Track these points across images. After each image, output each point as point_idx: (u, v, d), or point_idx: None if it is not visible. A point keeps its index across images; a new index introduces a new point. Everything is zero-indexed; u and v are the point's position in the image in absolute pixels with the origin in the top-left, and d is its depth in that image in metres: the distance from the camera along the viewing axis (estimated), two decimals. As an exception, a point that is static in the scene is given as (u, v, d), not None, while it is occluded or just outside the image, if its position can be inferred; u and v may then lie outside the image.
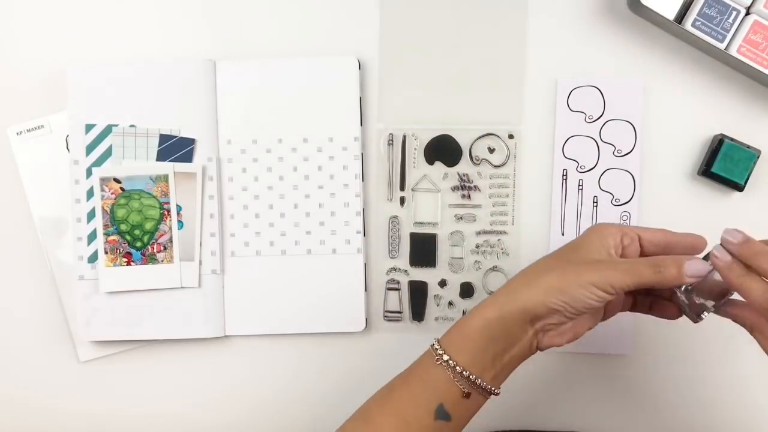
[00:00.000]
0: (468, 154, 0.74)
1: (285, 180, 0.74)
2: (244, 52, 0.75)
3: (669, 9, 0.69)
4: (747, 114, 0.73)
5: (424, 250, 0.74)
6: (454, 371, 0.55)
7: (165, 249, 0.73)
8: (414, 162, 0.74)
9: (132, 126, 0.73)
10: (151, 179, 0.73)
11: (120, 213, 0.73)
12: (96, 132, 0.74)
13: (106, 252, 0.73)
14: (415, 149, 0.74)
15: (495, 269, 0.74)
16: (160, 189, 0.73)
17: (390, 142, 0.74)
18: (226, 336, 0.74)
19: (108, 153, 0.73)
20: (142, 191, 0.73)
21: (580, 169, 0.74)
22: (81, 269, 0.73)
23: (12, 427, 0.76)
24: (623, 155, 0.73)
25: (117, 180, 0.73)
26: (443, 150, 0.74)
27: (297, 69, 0.74)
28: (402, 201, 0.74)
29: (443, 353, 0.56)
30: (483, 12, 0.74)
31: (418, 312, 0.74)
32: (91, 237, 0.73)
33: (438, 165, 0.74)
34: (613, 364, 0.74)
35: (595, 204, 0.74)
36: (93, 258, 0.73)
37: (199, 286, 0.73)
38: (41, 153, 0.75)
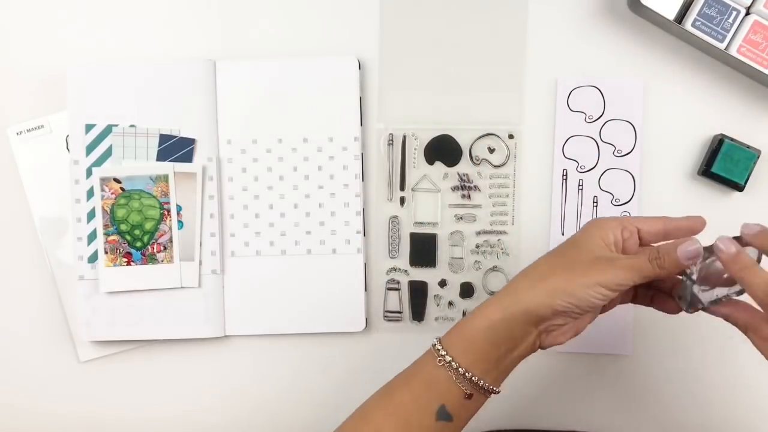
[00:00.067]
0: (468, 154, 0.74)
1: (285, 180, 0.74)
2: (244, 52, 0.75)
3: (669, 9, 0.69)
4: (747, 114, 0.73)
5: (424, 250, 0.74)
6: (456, 372, 0.55)
7: (165, 249, 0.73)
8: (414, 162, 0.74)
9: (132, 126, 0.73)
10: (151, 179, 0.73)
11: (120, 213, 0.73)
12: (96, 132, 0.74)
13: (106, 252, 0.73)
14: (415, 149, 0.74)
15: (495, 269, 0.74)
16: (160, 189, 0.73)
17: (390, 142, 0.74)
18: (226, 336, 0.74)
19: (108, 153, 0.73)
20: (142, 191, 0.73)
21: (580, 169, 0.74)
22: (81, 269, 0.73)
23: (12, 427, 0.76)
24: (623, 155, 0.73)
25: (117, 180, 0.73)
26: (443, 150, 0.74)
27: (297, 69, 0.74)
28: (402, 201, 0.74)
29: (445, 354, 0.55)
30: (483, 12, 0.74)
31: (418, 312, 0.74)
32: (91, 237, 0.73)
33: (438, 165, 0.74)
34: (613, 364, 0.74)
35: (595, 204, 0.74)
36: (93, 258, 0.73)
37: (199, 286, 0.73)
38: (41, 153, 0.75)
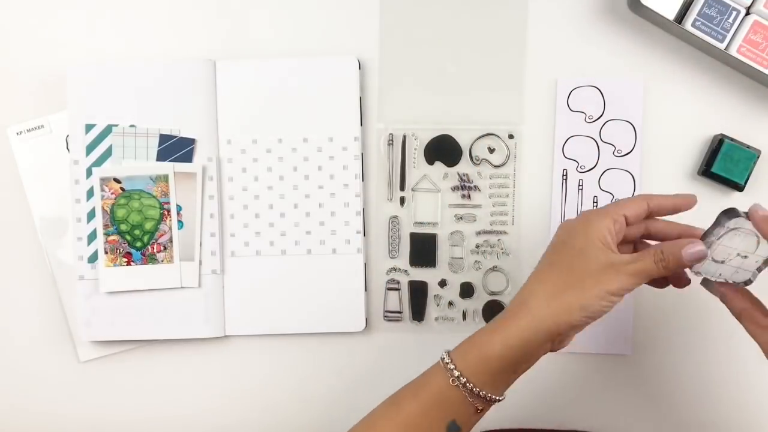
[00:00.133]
0: (468, 154, 0.74)
1: (285, 180, 0.74)
2: (244, 52, 0.75)
3: (669, 9, 0.69)
4: (747, 114, 0.73)
5: (424, 250, 0.74)
6: (470, 392, 0.55)
7: (165, 249, 0.73)
8: (414, 162, 0.74)
9: (132, 126, 0.73)
10: (151, 179, 0.73)
11: (120, 213, 0.73)
12: (96, 132, 0.74)
13: (106, 252, 0.73)
14: (415, 149, 0.74)
15: (495, 269, 0.74)
16: (160, 189, 0.73)
17: (390, 142, 0.74)
18: (226, 336, 0.74)
19: (108, 153, 0.73)
20: (142, 191, 0.73)
21: (580, 169, 0.74)
22: (81, 269, 0.73)
23: (12, 427, 0.76)
24: (623, 155, 0.73)
25: (117, 180, 0.73)
26: (443, 150, 0.74)
27: (297, 69, 0.74)
28: (402, 201, 0.74)
29: (460, 375, 0.55)
30: (483, 12, 0.74)
31: (418, 312, 0.74)
32: (91, 237, 0.73)
33: (438, 165, 0.74)
34: (613, 364, 0.74)
35: (595, 204, 0.74)
36: (93, 258, 0.73)
37: (199, 286, 0.73)
38: (41, 153, 0.75)
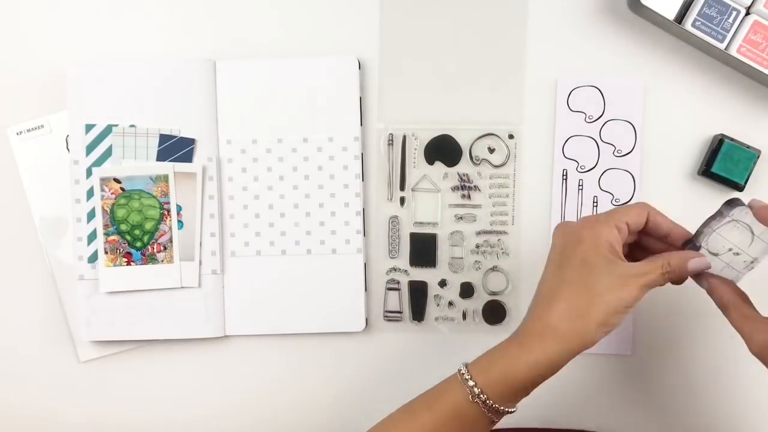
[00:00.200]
0: (468, 154, 0.74)
1: (285, 180, 0.74)
2: (244, 52, 0.75)
3: (669, 9, 0.69)
4: (747, 114, 0.73)
5: (424, 250, 0.74)
6: (489, 408, 0.56)
7: (165, 249, 0.73)
8: (414, 162, 0.74)
9: (132, 126, 0.73)
10: (151, 179, 0.73)
11: (120, 213, 0.73)
12: (96, 132, 0.74)
13: (106, 252, 0.73)
14: (415, 149, 0.74)
15: (495, 269, 0.74)
16: (160, 189, 0.73)
17: (390, 142, 0.74)
18: (226, 336, 0.74)
19: (108, 153, 0.73)
20: (142, 191, 0.73)
21: (580, 169, 0.74)
22: (81, 269, 0.73)
23: (12, 427, 0.76)
24: (623, 155, 0.73)
25: (117, 180, 0.73)
26: (443, 150, 0.74)
27: (297, 69, 0.74)
28: (402, 201, 0.74)
29: (480, 393, 0.55)
30: (483, 12, 0.74)
31: (418, 312, 0.74)
32: (91, 237, 0.73)
33: (438, 165, 0.74)
34: (613, 364, 0.74)
35: (595, 204, 0.74)
36: (93, 258, 0.73)
37: (199, 286, 0.73)
38: (41, 153, 0.75)
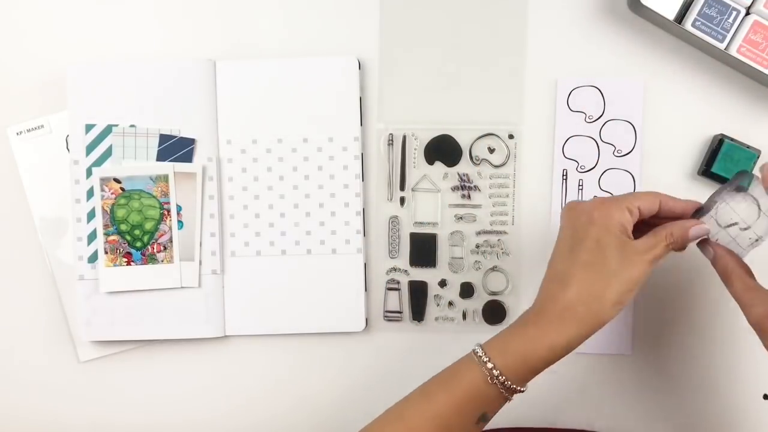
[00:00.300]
0: (468, 154, 0.74)
1: (285, 180, 0.74)
2: (244, 52, 0.75)
3: (669, 9, 0.69)
4: (747, 114, 0.73)
5: (424, 250, 0.74)
6: (507, 389, 0.57)
7: (165, 249, 0.73)
8: (414, 162, 0.74)
9: (132, 126, 0.73)
10: (151, 179, 0.73)
11: (120, 213, 0.73)
12: (96, 132, 0.74)
13: (106, 252, 0.73)
14: (415, 149, 0.74)
15: (495, 269, 0.74)
16: (160, 189, 0.73)
17: (390, 142, 0.74)
18: (226, 336, 0.74)
19: (108, 153, 0.73)
20: (142, 191, 0.73)
21: (580, 169, 0.74)
22: (81, 269, 0.73)
23: (12, 427, 0.76)
24: (623, 155, 0.73)
25: (117, 180, 0.73)
26: (443, 150, 0.74)
27: (297, 69, 0.74)
28: (402, 201, 0.74)
29: (499, 374, 0.56)
30: (483, 12, 0.74)
31: (418, 312, 0.74)
32: (91, 237, 0.73)
33: (438, 165, 0.74)
34: (613, 364, 0.74)
35: (595, 204, 0.74)
36: (93, 258, 0.73)
37: (199, 286, 0.73)
38: (41, 153, 0.75)
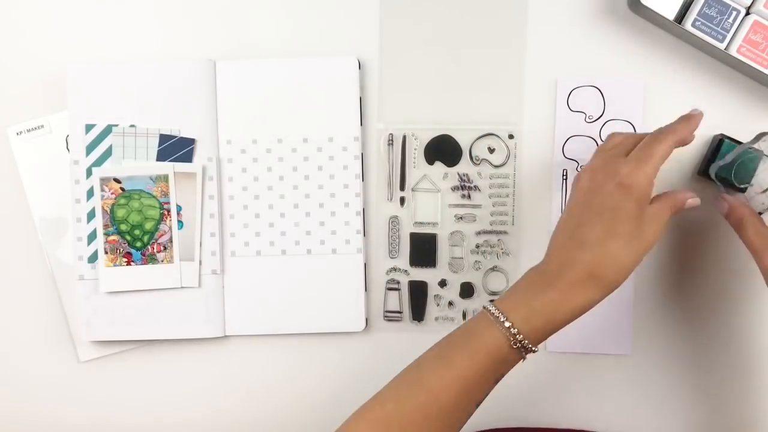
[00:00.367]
0: (468, 154, 0.74)
1: (285, 180, 0.74)
2: (244, 52, 0.75)
3: (669, 9, 0.69)
4: (747, 114, 0.73)
5: (424, 250, 0.74)
6: (528, 351, 0.58)
7: (165, 249, 0.73)
8: (414, 162, 0.74)
9: (132, 126, 0.73)
10: (151, 179, 0.73)
11: (120, 213, 0.73)
12: (96, 132, 0.74)
13: (106, 252, 0.73)
14: (415, 149, 0.74)
15: (495, 269, 0.74)
16: (160, 189, 0.73)
17: (390, 142, 0.74)
18: (226, 336, 0.74)
19: (108, 153, 0.73)
20: (142, 191, 0.73)
21: (580, 169, 0.74)
22: (81, 269, 0.73)
23: (12, 427, 0.76)
24: (623, 155, 0.73)
25: (117, 180, 0.73)
26: (443, 150, 0.74)
27: (297, 69, 0.74)
28: (402, 201, 0.74)
29: (523, 339, 0.57)
30: (483, 12, 0.74)
31: (418, 312, 0.74)
32: (91, 237, 0.73)
33: (438, 165, 0.74)
34: (613, 364, 0.74)
35: (595, 204, 0.73)
36: (93, 258, 0.73)
37: (199, 286, 0.73)
38: (41, 153, 0.75)
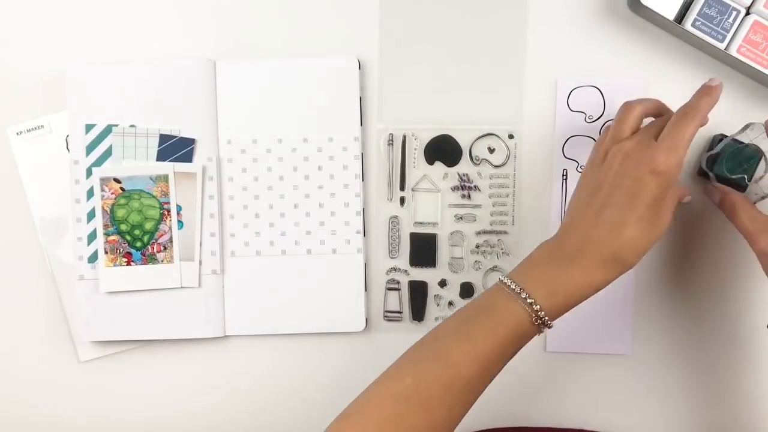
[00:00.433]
0: (468, 154, 0.74)
1: (285, 180, 0.74)
2: (244, 52, 0.75)
3: (669, 9, 0.69)
4: (747, 114, 0.73)
5: (424, 250, 0.74)
6: (547, 326, 0.58)
7: (165, 249, 0.73)
8: (414, 162, 0.74)
9: (132, 126, 0.73)
10: (151, 179, 0.73)
11: (120, 213, 0.73)
12: (96, 132, 0.74)
13: (106, 252, 0.73)
14: (415, 149, 0.74)
15: (495, 269, 0.74)
16: (160, 189, 0.73)
17: (390, 142, 0.74)
18: (226, 336, 0.74)
19: (108, 153, 0.73)
20: (142, 191, 0.73)
21: (580, 169, 0.74)
22: (81, 269, 0.73)
23: (12, 427, 0.76)
24: (623, 155, 0.73)
25: (117, 180, 0.73)
26: (443, 150, 0.74)
27: (297, 69, 0.74)
28: (402, 201, 0.74)
29: (544, 315, 0.58)
30: (483, 12, 0.74)
31: (418, 312, 0.74)
32: (91, 237, 0.73)
33: (438, 165, 0.74)
34: (613, 364, 0.74)
35: (595, 204, 0.73)
36: (93, 258, 0.73)
37: (199, 286, 0.73)
38: (41, 153, 0.75)
